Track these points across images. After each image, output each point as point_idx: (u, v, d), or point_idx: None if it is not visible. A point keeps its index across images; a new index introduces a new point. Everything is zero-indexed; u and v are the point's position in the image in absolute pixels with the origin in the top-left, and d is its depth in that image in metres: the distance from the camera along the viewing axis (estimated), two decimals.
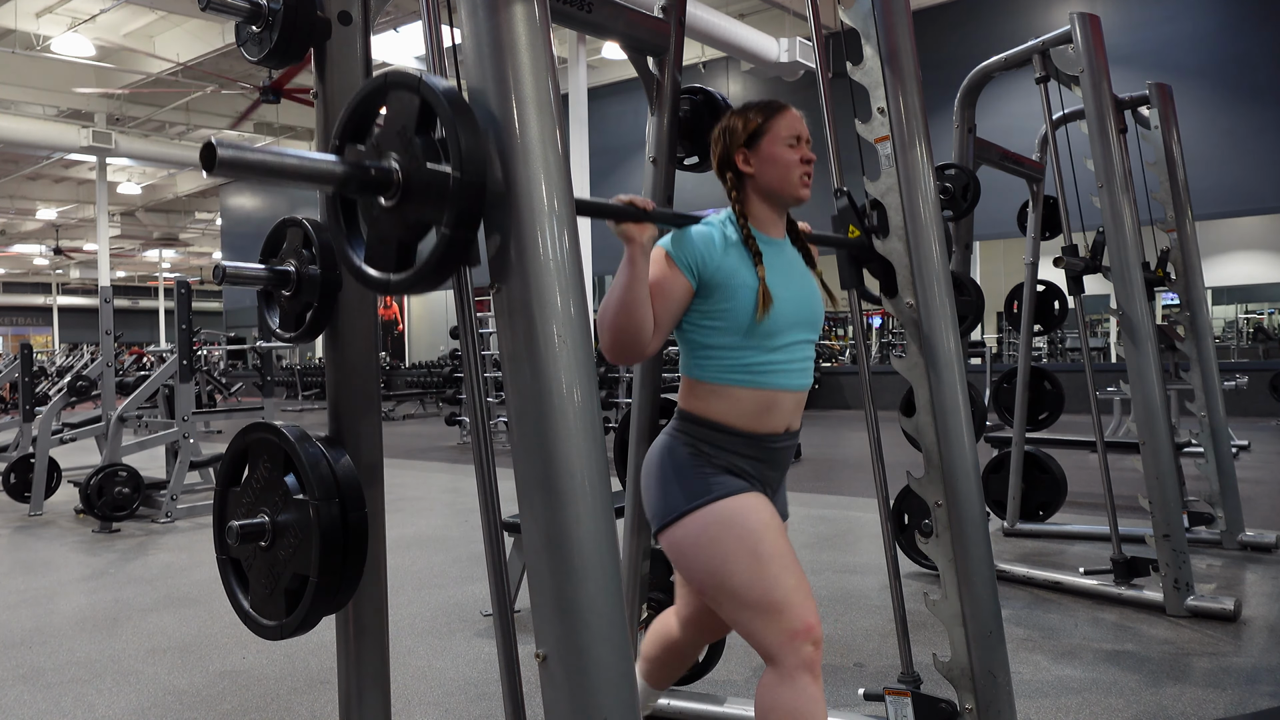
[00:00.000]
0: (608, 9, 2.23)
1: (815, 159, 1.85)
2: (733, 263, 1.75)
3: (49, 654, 3.36)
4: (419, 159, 1.24)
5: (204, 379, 12.64)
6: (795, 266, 1.87)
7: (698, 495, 1.73)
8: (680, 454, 1.78)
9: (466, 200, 1.21)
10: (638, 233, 1.64)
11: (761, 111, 1.84)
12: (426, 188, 1.23)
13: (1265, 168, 11.90)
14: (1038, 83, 3.87)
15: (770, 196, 1.83)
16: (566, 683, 1.22)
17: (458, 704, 2.81)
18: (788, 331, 1.79)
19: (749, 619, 1.68)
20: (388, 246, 1.29)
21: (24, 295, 38.42)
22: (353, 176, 1.25)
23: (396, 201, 1.27)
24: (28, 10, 13.72)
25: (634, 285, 1.64)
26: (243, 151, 1.14)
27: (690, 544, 1.72)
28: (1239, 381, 8.66)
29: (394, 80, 1.28)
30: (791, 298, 1.80)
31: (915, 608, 3.06)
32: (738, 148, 1.83)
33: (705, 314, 1.76)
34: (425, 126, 1.25)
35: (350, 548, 1.41)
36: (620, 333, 1.66)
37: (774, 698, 1.66)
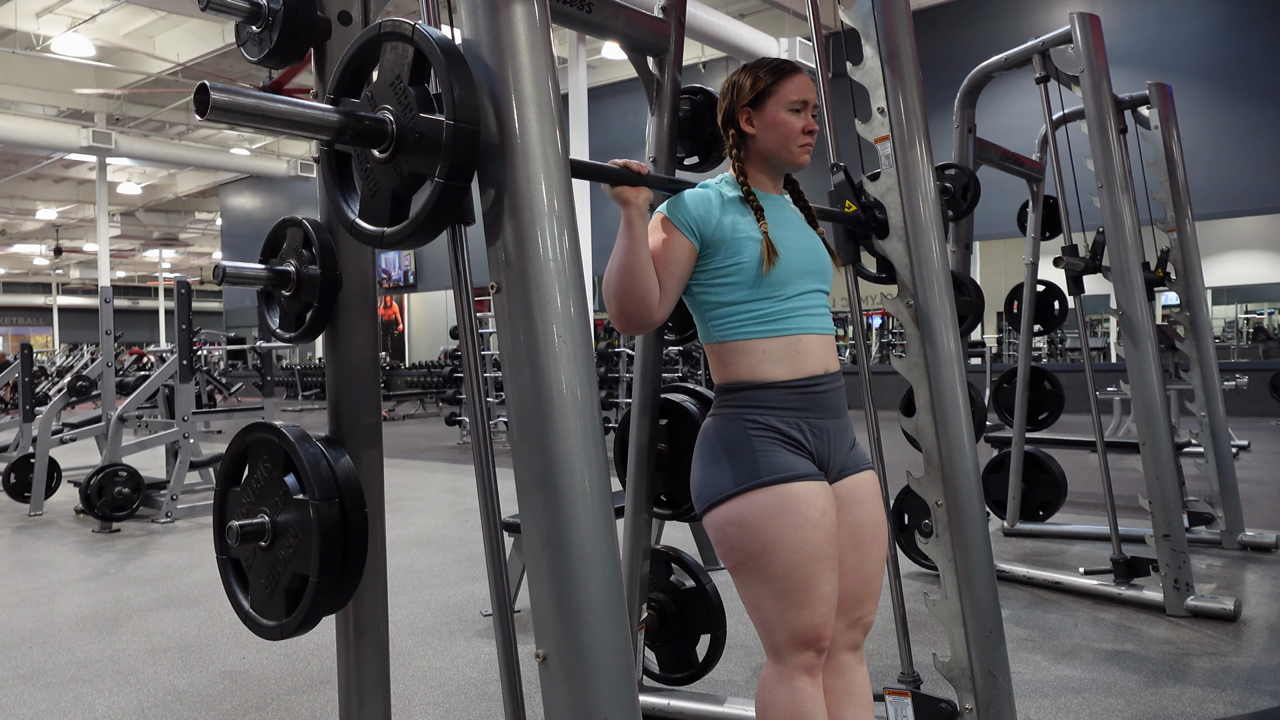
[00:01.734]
0: (608, 9, 2.23)
1: (818, 129, 1.83)
2: (733, 218, 1.74)
3: (49, 654, 3.36)
4: (413, 109, 1.24)
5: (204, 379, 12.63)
6: (797, 222, 1.86)
7: (748, 477, 1.67)
8: (727, 431, 1.73)
9: (460, 149, 1.21)
10: (633, 194, 1.63)
11: (772, 72, 1.81)
12: (420, 138, 1.23)
13: (1265, 168, 11.90)
14: (1038, 83, 3.87)
15: (769, 160, 1.83)
16: (566, 683, 1.22)
17: (458, 704, 2.81)
18: (797, 281, 1.76)
19: (769, 608, 1.67)
20: (381, 200, 1.29)
21: (24, 295, 38.41)
22: (346, 126, 1.25)
23: (390, 153, 1.27)
24: (28, 10, 13.72)
25: (634, 248, 1.63)
26: (236, 96, 1.14)
27: (735, 526, 1.67)
28: (1239, 381, 8.65)
29: (389, 30, 1.28)
30: (796, 248, 1.78)
31: (915, 608, 3.06)
32: (742, 106, 1.81)
33: (714, 272, 1.75)
34: (419, 77, 1.25)
35: (350, 548, 1.41)
36: (626, 299, 1.64)
37: (773, 696, 1.68)
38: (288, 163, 21.11)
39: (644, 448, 2.36)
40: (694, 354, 11.90)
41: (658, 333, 2.40)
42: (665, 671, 2.55)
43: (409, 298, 23.38)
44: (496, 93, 1.26)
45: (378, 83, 1.29)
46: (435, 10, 1.44)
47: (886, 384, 6.30)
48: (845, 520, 1.76)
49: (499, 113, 1.26)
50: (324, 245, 1.55)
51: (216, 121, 1.15)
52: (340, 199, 1.34)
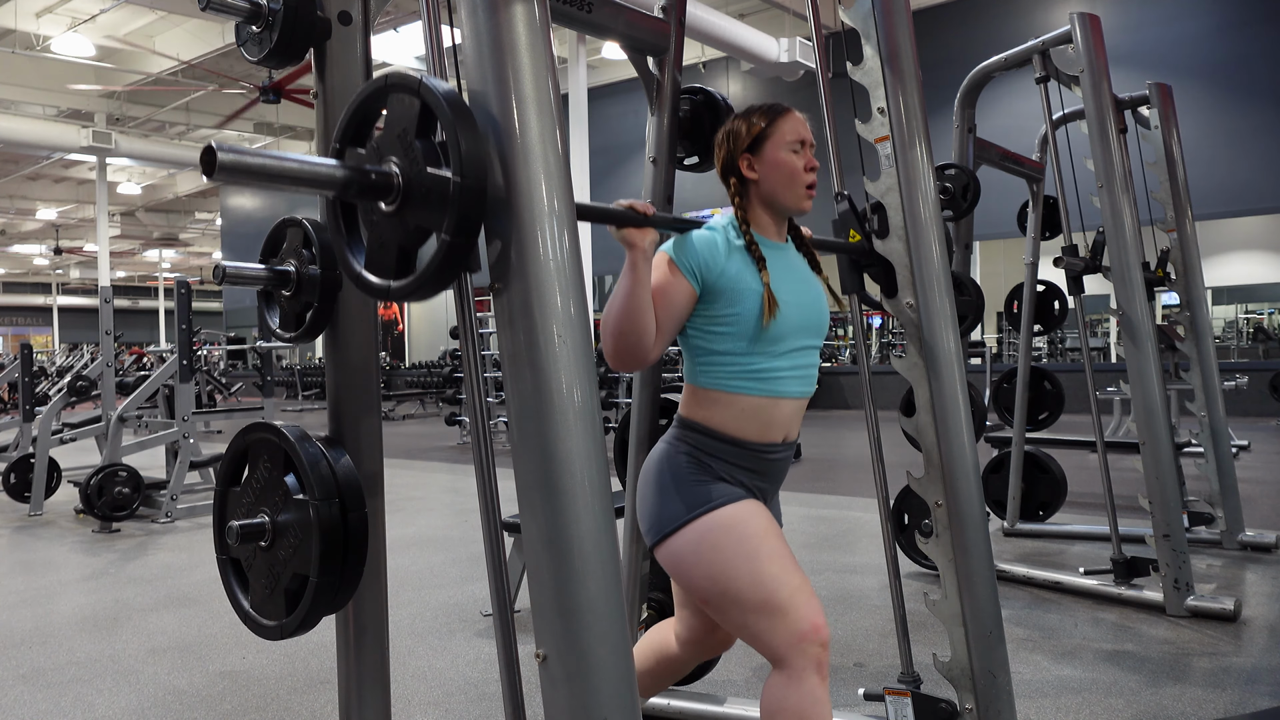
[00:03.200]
0: (608, 9, 2.23)
1: (819, 166, 1.84)
2: (737, 267, 1.74)
3: (49, 654, 3.36)
4: (419, 163, 1.23)
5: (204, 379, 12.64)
6: (799, 271, 1.86)
7: (697, 505, 1.72)
8: (679, 462, 1.77)
9: (467, 206, 1.21)
10: (639, 237, 1.62)
11: (765, 115, 1.82)
12: (427, 193, 1.23)
13: (1265, 168, 11.90)
14: (1038, 83, 3.87)
15: (773, 203, 1.83)
16: (566, 683, 1.22)
17: (458, 704, 2.81)
18: (793, 337, 1.78)
19: (754, 623, 1.67)
20: (387, 252, 1.28)
21: (24, 295, 38.42)
22: (352, 181, 1.25)
23: (396, 206, 1.26)
24: (28, 10, 13.72)
25: (636, 290, 1.63)
26: (243, 156, 1.13)
27: (690, 553, 1.71)
28: (1239, 381, 8.66)
29: (394, 82, 1.27)
30: (796, 303, 1.79)
31: (915, 608, 3.06)
32: (741, 152, 1.82)
33: (711, 319, 1.75)
34: (426, 130, 1.25)
35: (350, 548, 1.41)
36: (623, 338, 1.65)
37: (781, 699, 1.65)
38: None
39: (643, 447, 2.36)
40: None
41: None
42: None
43: None
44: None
45: (384, 134, 1.28)
46: (435, 10, 1.44)
47: (886, 384, 6.31)
48: None
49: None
50: (324, 245, 1.55)
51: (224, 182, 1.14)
52: (346, 250, 1.33)
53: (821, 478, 7.20)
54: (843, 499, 6.18)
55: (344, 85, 1.58)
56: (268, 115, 19.44)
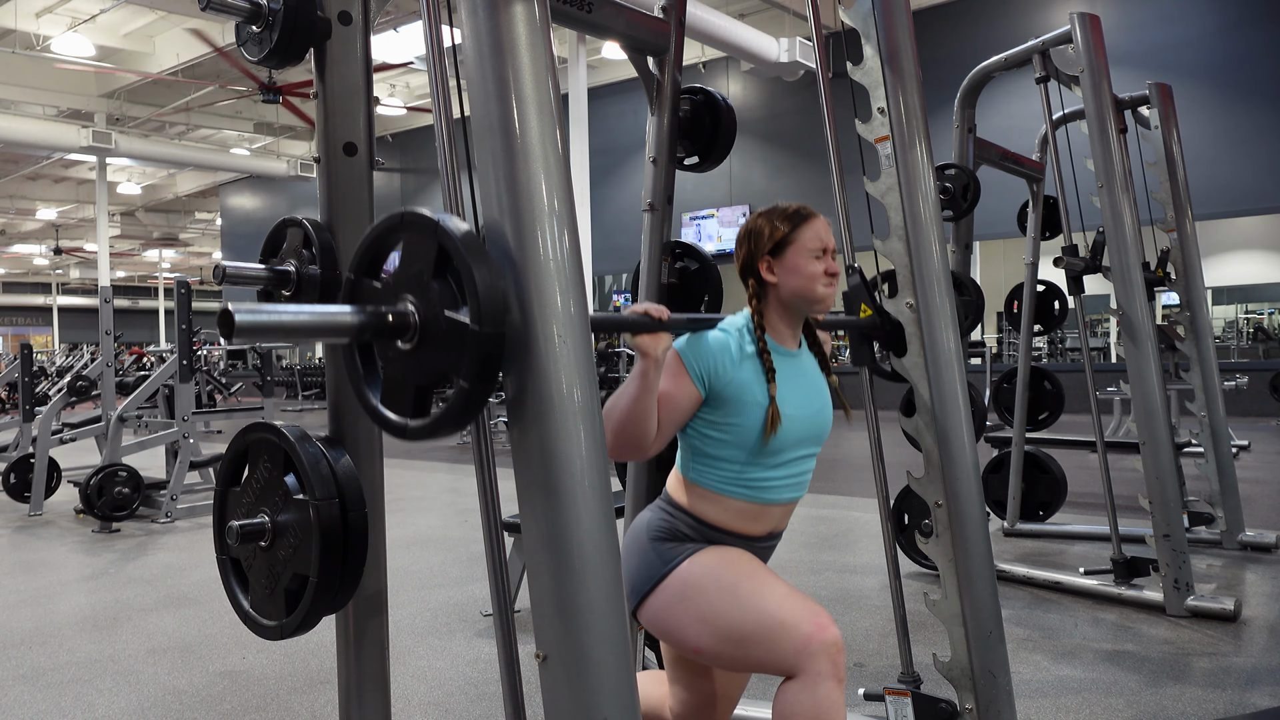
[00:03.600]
0: (608, 9, 2.23)
1: (839, 271, 1.82)
2: (745, 377, 1.72)
3: (49, 654, 3.36)
4: (436, 305, 1.22)
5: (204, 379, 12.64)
6: (809, 378, 1.84)
7: (672, 558, 1.73)
8: (658, 528, 1.78)
9: (486, 353, 1.19)
10: (652, 346, 1.59)
11: (788, 220, 1.79)
12: (444, 336, 1.21)
13: (1265, 168, 11.90)
14: (1038, 83, 3.87)
15: (791, 306, 1.80)
16: (566, 683, 1.22)
17: (458, 704, 2.81)
18: (793, 449, 1.77)
19: (758, 649, 1.63)
20: (404, 391, 1.27)
21: (24, 295, 38.42)
22: (368, 326, 1.23)
23: (413, 346, 1.25)
24: (28, 10, 13.72)
25: (644, 397, 1.61)
26: (259, 315, 1.12)
27: (675, 603, 1.70)
28: (1239, 381, 8.66)
29: (411, 221, 1.25)
30: (801, 415, 1.77)
31: (915, 608, 3.06)
32: (762, 255, 1.79)
33: (712, 424, 1.73)
34: (442, 269, 1.23)
35: (350, 548, 1.41)
36: (623, 437, 1.64)
37: (795, 705, 1.59)
38: (288, 163, 21.12)
39: None
40: None
41: None
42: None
43: None
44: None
45: (400, 270, 1.26)
46: (435, 10, 1.44)
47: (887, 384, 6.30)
48: None
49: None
50: (324, 245, 1.55)
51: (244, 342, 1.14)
52: (364, 386, 1.31)
53: (821, 478, 7.20)
54: (843, 499, 6.18)
55: (344, 85, 1.58)
56: (268, 115, 19.46)
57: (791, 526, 5.25)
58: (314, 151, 1.64)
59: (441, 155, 1.40)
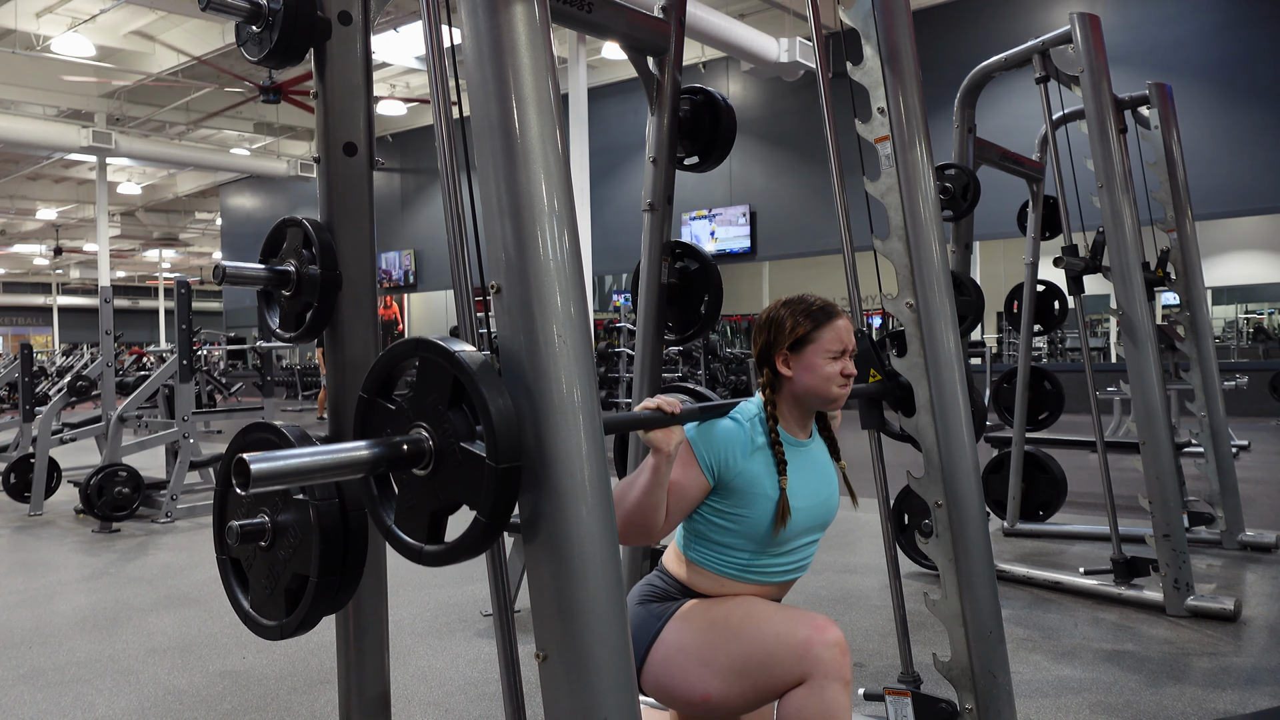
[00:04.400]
0: (608, 9, 2.24)
1: (855, 373, 1.82)
2: (755, 470, 1.72)
3: (49, 654, 3.36)
4: (452, 437, 1.22)
5: (204, 379, 12.64)
6: (818, 467, 1.85)
7: (664, 614, 1.74)
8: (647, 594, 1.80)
9: (502, 488, 1.19)
10: (665, 442, 1.59)
11: (811, 320, 1.79)
12: (459, 466, 1.21)
13: (1265, 168, 11.90)
14: (1038, 83, 3.87)
15: (803, 401, 1.81)
16: (566, 683, 1.22)
17: (458, 704, 2.81)
18: (800, 537, 1.78)
19: (762, 671, 1.62)
20: (420, 515, 1.27)
21: (24, 295, 38.41)
22: (384, 458, 1.23)
23: (429, 474, 1.25)
24: (28, 10, 13.71)
25: (654, 491, 1.62)
26: (274, 462, 1.13)
27: (674, 653, 1.70)
28: (1239, 381, 8.65)
29: (425, 348, 1.25)
30: (809, 506, 1.77)
31: (915, 608, 3.06)
32: (780, 349, 1.79)
33: (720, 513, 1.74)
34: (457, 399, 1.23)
35: (350, 548, 1.41)
36: (630, 525, 1.65)
37: (800, 709, 1.59)
38: (288, 163, 21.12)
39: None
40: (694, 354, 11.90)
41: (657, 333, 2.40)
42: None
43: (409, 298, 23.38)
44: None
45: (415, 396, 1.26)
46: (435, 10, 1.44)
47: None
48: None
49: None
50: (324, 245, 1.55)
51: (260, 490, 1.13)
52: (380, 510, 1.32)
53: None
54: (842, 499, 6.17)
55: (344, 85, 1.58)
56: (268, 115, 19.45)
57: None
58: (314, 151, 1.64)
59: (441, 155, 1.40)
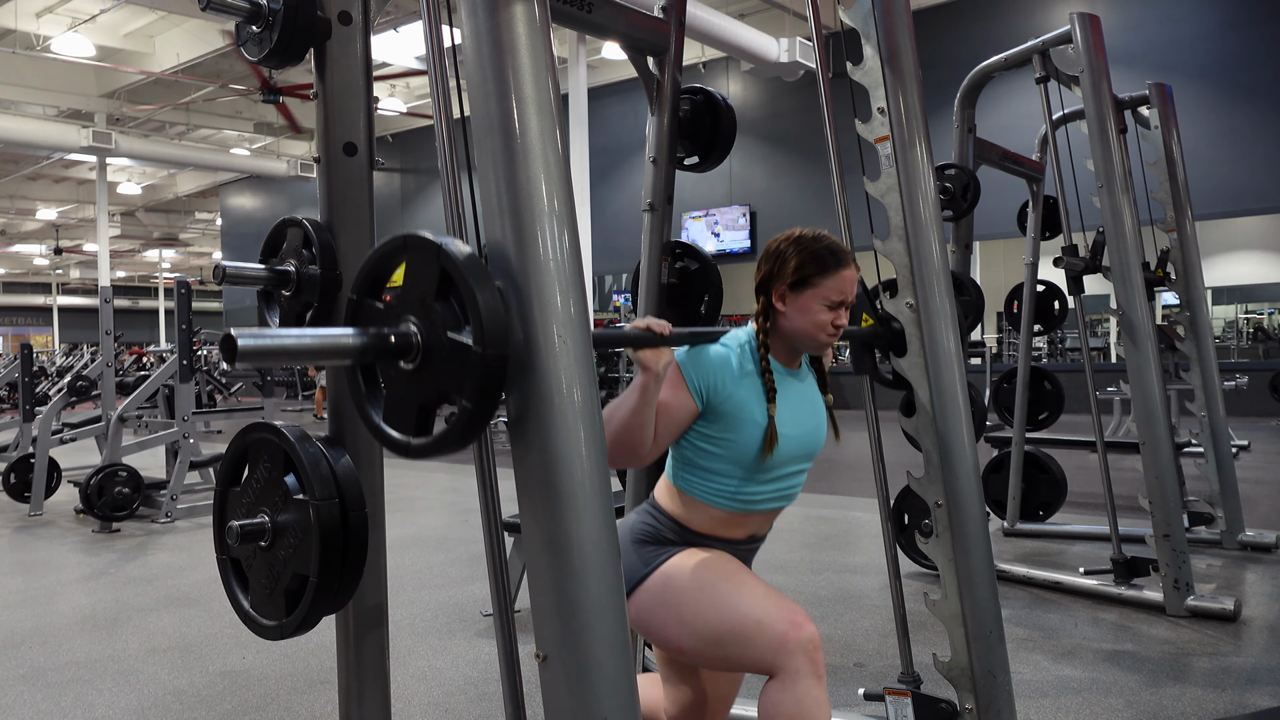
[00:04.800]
0: (608, 9, 2.24)
1: (845, 325, 1.82)
2: (743, 395, 1.72)
3: (49, 654, 3.36)
4: (439, 327, 1.22)
5: (204, 379, 12.64)
6: (807, 397, 1.85)
7: (652, 560, 1.75)
8: (640, 530, 1.80)
9: (489, 375, 1.19)
10: (654, 361, 1.60)
11: (818, 265, 1.76)
12: (447, 357, 1.22)
13: (1265, 168, 11.90)
14: (1038, 83, 3.87)
15: (789, 340, 1.81)
16: (566, 683, 1.22)
17: (458, 704, 2.81)
18: (786, 465, 1.78)
19: (736, 649, 1.65)
20: (407, 409, 1.27)
21: (24, 295, 38.42)
22: (371, 348, 1.24)
23: (416, 367, 1.25)
24: (28, 10, 13.72)
25: (642, 410, 1.62)
26: (261, 339, 1.13)
27: (656, 605, 1.71)
28: (1239, 381, 8.66)
29: (414, 244, 1.26)
30: (797, 434, 1.78)
31: (915, 608, 3.06)
32: (780, 283, 1.78)
33: (707, 438, 1.74)
34: (444, 292, 1.23)
35: (350, 548, 1.41)
36: (619, 445, 1.65)
37: (776, 705, 1.61)
38: (288, 163, 21.12)
39: None
40: None
41: None
42: None
43: None
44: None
45: (403, 293, 1.27)
46: (435, 10, 1.44)
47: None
48: None
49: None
50: (324, 245, 1.55)
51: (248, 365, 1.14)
52: (366, 403, 1.32)
53: (821, 478, 7.20)
54: (843, 499, 6.18)
55: (344, 85, 1.58)
56: (268, 115, 19.44)
57: (791, 526, 5.25)
58: (314, 151, 1.64)
59: (441, 155, 1.40)
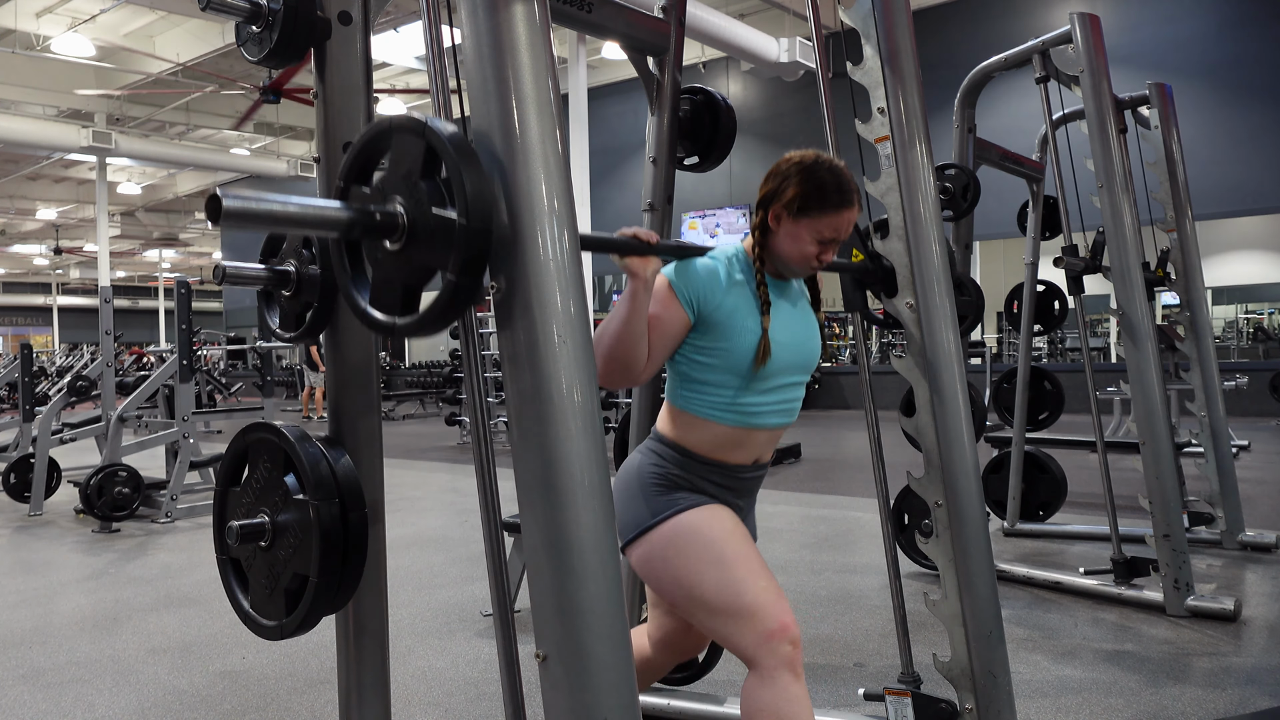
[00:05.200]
0: (608, 9, 2.24)
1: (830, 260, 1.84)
2: (734, 303, 1.74)
3: (49, 654, 3.36)
4: (424, 204, 1.23)
5: (204, 379, 12.64)
6: (799, 309, 1.86)
7: (661, 510, 1.75)
8: (648, 473, 1.80)
9: (472, 247, 1.21)
10: (641, 267, 1.62)
11: (820, 200, 1.77)
12: (432, 233, 1.23)
13: (1265, 168, 11.90)
14: (1038, 83, 3.87)
15: (775, 259, 1.82)
16: (566, 683, 1.22)
17: (458, 704, 2.81)
18: (782, 375, 1.79)
19: (723, 625, 1.68)
20: (393, 289, 1.28)
21: (24, 295, 38.41)
22: (357, 222, 1.25)
23: (401, 246, 1.26)
24: (28, 10, 13.71)
25: (633, 319, 1.64)
26: (247, 202, 1.14)
27: (657, 557, 1.73)
28: (1239, 381, 8.66)
29: (399, 124, 1.27)
30: (790, 343, 1.79)
31: (915, 608, 3.06)
32: (778, 204, 1.79)
33: (701, 349, 1.75)
34: (430, 171, 1.25)
35: (350, 548, 1.41)
36: (613, 361, 1.67)
37: (756, 700, 1.66)
38: (288, 163, 21.12)
39: None
40: None
41: None
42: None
43: None
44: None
45: (389, 174, 1.29)
46: (435, 10, 1.44)
47: (886, 384, 6.30)
48: None
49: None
50: (323, 245, 1.55)
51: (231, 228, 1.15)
52: (351, 286, 1.33)
53: (821, 478, 7.19)
54: (843, 499, 6.18)
55: (344, 85, 1.58)
56: (268, 115, 19.44)
57: (792, 526, 5.25)
58: (314, 151, 1.64)
59: None
